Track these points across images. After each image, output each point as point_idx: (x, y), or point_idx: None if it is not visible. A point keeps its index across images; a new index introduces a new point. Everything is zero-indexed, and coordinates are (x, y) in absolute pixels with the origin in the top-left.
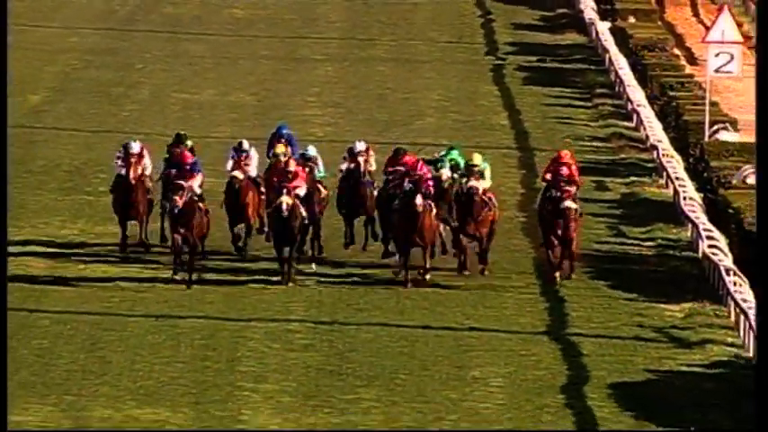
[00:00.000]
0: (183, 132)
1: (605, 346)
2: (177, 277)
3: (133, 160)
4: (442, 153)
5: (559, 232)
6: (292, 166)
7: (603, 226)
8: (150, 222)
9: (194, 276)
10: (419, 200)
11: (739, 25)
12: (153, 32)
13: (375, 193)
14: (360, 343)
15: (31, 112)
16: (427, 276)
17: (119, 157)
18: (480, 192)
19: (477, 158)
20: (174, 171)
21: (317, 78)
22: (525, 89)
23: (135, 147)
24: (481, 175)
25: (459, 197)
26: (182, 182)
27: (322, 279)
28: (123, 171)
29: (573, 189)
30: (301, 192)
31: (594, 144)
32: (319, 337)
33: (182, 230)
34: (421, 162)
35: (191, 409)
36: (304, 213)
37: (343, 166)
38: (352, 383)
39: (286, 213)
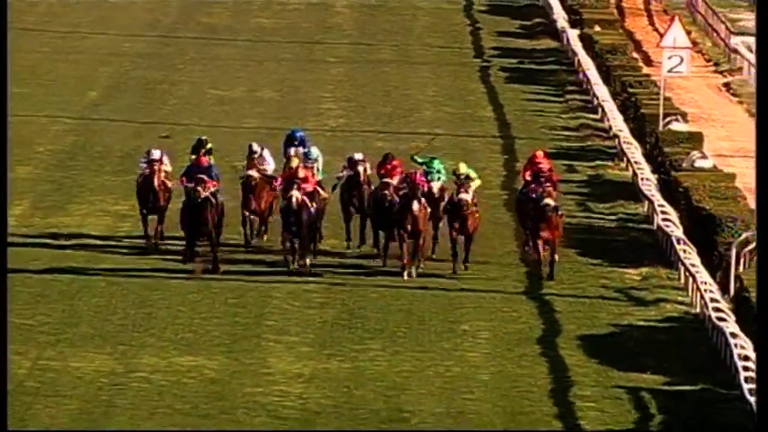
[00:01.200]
0: (204, 138)
1: (574, 303)
2: (189, 267)
3: (155, 166)
4: (425, 160)
5: (543, 234)
6: (302, 173)
7: (573, 203)
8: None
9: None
10: (415, 205)
11: (688, 33)
12: (191, 39)
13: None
14: (368, 302)
15: (90, 106)
16: (421, 265)
17: (143, 162)
18: (470, 201)
19: (463, 167)
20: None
21: (330, 77)
22: (507, 87)
23: (156, 153)
24: (468, 179)
25: (450, 204)
26: (203, 176)
27: (335, 256)
28: (147, 173)
29: (551, 188)
30: (308, 189)
31: (565, 133)
32: (333, 297)
33: (197, 221)
34: (418, 173)
35: (224, 356)
36: (312, 209)
37: (342, 174)
38: (361, 335)
39: (296, 206)
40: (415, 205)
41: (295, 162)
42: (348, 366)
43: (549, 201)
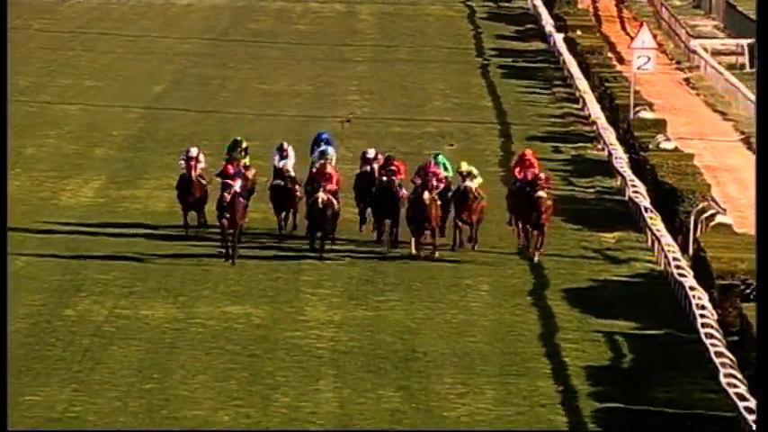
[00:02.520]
0: (239, 138)
1: (559, 262)
2: (222, 250)
3: (192, 163)
4: (432, 157)
5: (533, 220)
6: (329, 169)
7: (559, 178)
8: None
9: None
10: (426, 195)
11: (654, 36)
12: (241, 41)
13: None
14: (387, 262)
15: (155, 98)
16: (436, 254)
17: (182, 159)
18: (474, 189)
19: (464, 165)
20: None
21: (356, 74)
22: (503, 81)
23: (193, 151)
24: (470, 176)
25: (457, 193)
26: (230, 181)
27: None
28: (185, 171)
29: (543, 181)
30: (333, 188)
31: (552, 120)
32: (359, 257)
33: (227, 215)
34: (431, 163)
35: (268, 306)
36: (336, 206)
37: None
38: (382, 288)
39: (321, 206)
40: (426, 195)
41: (328, 168)
42: (371, 314)
43: (541, 193)
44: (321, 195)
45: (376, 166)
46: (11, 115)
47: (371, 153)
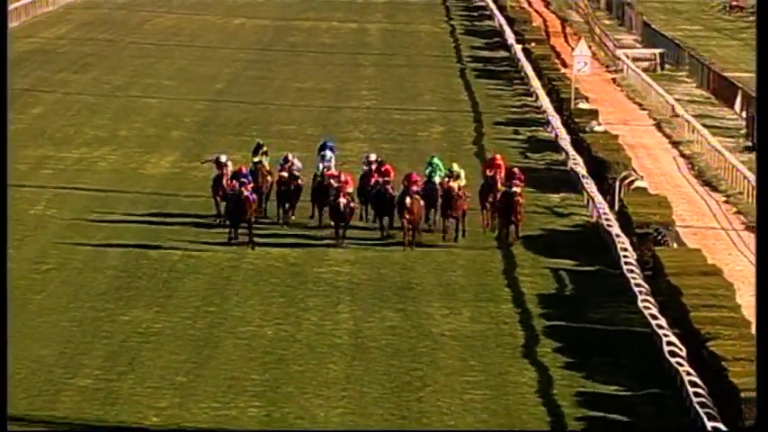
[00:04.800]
0: (261, 142)
1: None
2: (233, 239)
3: (223, 169)
4: (429, 160)
5: (512, 216)
6: (343, 176)
7: (517, 152)
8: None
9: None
10: (408, 199)
11: (589, 47)
12: (282, 50)
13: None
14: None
15: (216, 93)
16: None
17: (213, 162)
18: (456, 189)
19: (455, 166)
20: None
21: (366, 75)
22: (476, 81)
23: (223, 158)
24: (458, 177)
25: (444, 192)
26: (245, 179)
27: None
28: (217, 174)
29: (518, 179)
30: (349, 190)
31: (513, 109)
32: (369, 225)
33: (239, 211)
34: (413, 173)
35: (301, 249)
36: (353, 206)
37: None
38: (386, 243)
39: (342, 209)
40: (408, 199)
41: (344, 176)
42: (378, 255)
43: (516, 189)
44: (342, 200)
45: (374, 167)
46: (108, 107)
47: (373, 157)
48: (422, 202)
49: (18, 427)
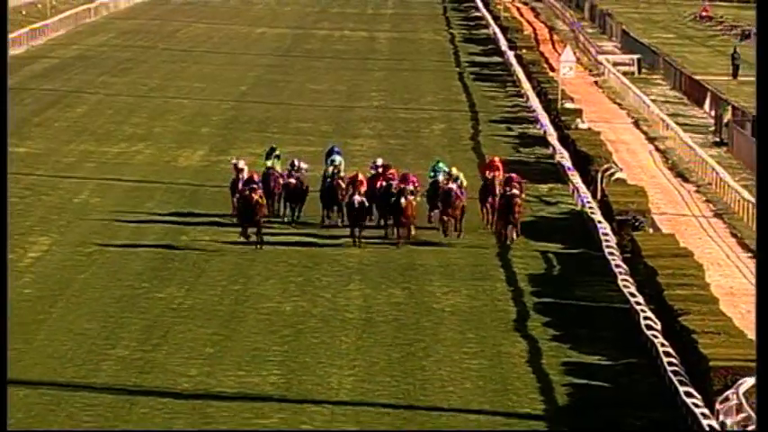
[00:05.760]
0: (274, 146)
1: None
2: (243, 239)
3: (240, 174)
4: (434, 164)
5: (510, 217)
6: (360, 176)
7: (509, 146)
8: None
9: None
10: (403, 200)
11: (574, 53)
12: (298, 56)
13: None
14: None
15: (241, 94)
16: (413, 231)
17: (233, 165)
18: (455, 190)
19: (454, 170)
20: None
21: (375, 78)
22: (474, 83)
23: (240, 163)
24: (456, 179)
25: (443, 195)
26: (255, 185)
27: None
28: (234, 178)
29: (516, 183)
30: (363, 190)
31: (506, 109)
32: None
33: (249, 213)
34: (410, 174)
35: (316, 238)
36: (367, 204)
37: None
38: (393, 232)
39: (357, 205)
40: (403, 200)
41: (360, 175)
42: (385, 239)
43: (515, 191)
44: (357, 198)
45: (380, 170)
46: (145, 107)
47: (380, 162)
48: (415, 203)
49: (65, 392)
